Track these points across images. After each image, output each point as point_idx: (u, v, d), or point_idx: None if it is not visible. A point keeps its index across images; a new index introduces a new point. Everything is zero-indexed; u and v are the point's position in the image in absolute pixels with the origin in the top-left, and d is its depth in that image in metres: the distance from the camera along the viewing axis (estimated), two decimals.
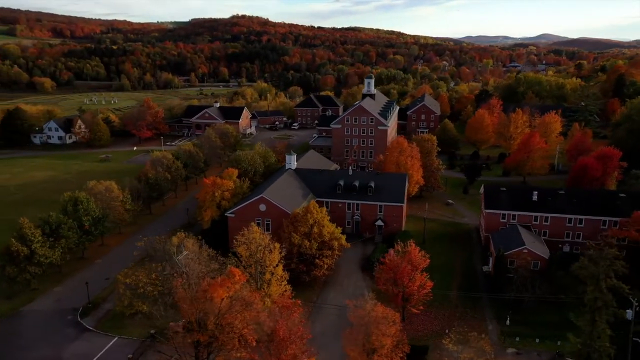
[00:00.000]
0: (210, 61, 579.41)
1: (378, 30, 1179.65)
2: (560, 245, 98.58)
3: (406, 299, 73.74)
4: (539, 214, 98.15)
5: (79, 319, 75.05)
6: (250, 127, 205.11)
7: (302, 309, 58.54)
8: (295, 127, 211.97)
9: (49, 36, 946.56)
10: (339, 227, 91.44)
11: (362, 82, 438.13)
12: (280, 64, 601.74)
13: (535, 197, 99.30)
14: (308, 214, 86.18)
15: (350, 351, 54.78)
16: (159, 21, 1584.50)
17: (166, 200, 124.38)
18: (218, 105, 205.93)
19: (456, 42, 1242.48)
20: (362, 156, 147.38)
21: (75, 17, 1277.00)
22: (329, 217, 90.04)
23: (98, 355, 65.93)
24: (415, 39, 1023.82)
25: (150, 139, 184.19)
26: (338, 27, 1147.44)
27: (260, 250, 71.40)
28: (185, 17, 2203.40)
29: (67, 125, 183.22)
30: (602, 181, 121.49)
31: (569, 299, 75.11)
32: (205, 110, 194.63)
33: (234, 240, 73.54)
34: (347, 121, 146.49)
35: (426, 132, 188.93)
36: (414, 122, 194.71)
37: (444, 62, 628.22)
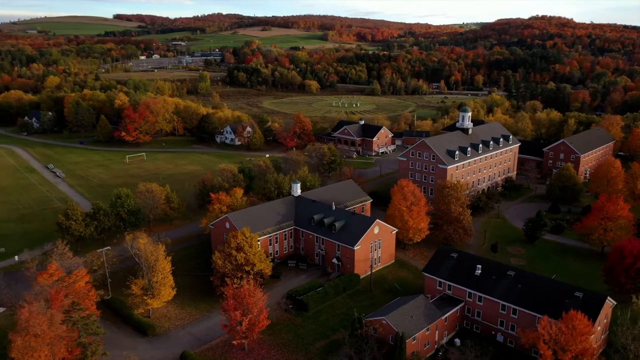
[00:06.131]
0: (469, 68, 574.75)
1: None
2: (493, 333, 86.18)
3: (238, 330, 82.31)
4: (473, 292, 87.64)
5: None
6: (389, 145, 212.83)
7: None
8: None
9: (352, 40, 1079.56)
10: (269, 257, 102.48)
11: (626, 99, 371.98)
12: (548, 73, 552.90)
13: (478, 272, 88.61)
14: (232, 238, 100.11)
15: None
16: (464, 22, 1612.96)
17: None
18: (362, 122, 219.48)
19: None
20: (424, 192, 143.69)
21: (382, 21, 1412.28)
22: (258, 245, 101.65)
23: None
24: None
25: (296, 147, 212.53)
26: None
27: (152, 258, 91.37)
28: (492, 17, 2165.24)
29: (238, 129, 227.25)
30: None
31: None
32: (345, 127, 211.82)
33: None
34: (412, 155, 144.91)
35: None
36: (550, 161, 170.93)
37: None
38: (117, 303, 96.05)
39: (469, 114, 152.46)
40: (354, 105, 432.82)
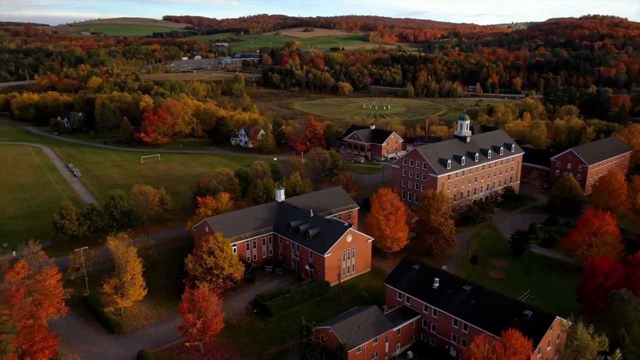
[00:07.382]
0: (508, 70, 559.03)
1: None
2: (447, 347, 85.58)
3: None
4: (429, 305, 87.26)
5: None
6: (399, 150, 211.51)
7: None
8: None
9: (394, 41, 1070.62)
10: (241, 262, 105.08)
11: None
12: (592, 76, 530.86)
13: (436, 285, 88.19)
14: (204, 242, 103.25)
15: None
16: (514, 22, 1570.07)
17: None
18: (373, 127, 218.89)
19: None
20: (416, 200, 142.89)
21: (427, 21, 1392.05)
22: (232, 250, 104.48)
23: None
24: None
25: (305, 151, 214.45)
26: None
27: (123, 258, 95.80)
28: (544, 17, 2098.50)
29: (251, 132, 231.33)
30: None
31: None
32: (355, 131, 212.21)
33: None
34: (405, 163, 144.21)
35: None
36: (557, 171, 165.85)
37: None
38: (93, 301, 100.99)
39: (467, 122, 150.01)
40: (384, 108, 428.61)
